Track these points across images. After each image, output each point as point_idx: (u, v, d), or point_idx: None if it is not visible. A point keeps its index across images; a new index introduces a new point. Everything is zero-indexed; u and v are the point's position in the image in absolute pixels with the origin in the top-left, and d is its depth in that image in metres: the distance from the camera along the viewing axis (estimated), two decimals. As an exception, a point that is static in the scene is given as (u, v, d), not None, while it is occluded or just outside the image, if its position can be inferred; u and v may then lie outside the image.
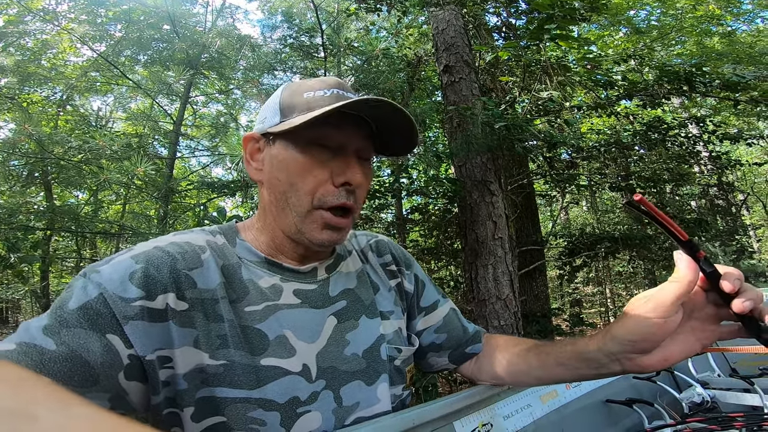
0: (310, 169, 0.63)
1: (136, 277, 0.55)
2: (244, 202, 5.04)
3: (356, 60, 4.33)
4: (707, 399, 0.96)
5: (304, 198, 0.63)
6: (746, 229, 8.95)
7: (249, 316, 0.61)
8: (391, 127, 0.67)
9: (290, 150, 0.64)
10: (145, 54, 4.50)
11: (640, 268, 8.16)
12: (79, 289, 0.53)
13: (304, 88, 0.66)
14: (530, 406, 0.82)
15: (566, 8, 2.52)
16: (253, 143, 0.70)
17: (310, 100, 0.64)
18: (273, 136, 0.66)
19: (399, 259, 0.83)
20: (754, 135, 4.53)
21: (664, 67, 3.85)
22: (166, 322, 0.55)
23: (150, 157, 3.01)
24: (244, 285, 0.63)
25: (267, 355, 0.60)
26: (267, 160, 0.67)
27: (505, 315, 2.97)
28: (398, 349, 0.72)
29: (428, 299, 0.83)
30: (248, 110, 7.95)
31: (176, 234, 0.66)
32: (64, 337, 0.48)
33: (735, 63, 6.61)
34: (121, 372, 0.52)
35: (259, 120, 0.70)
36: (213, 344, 0.57)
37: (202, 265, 0.61)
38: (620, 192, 5.45)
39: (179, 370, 0.55)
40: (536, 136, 3.47)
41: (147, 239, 0.66)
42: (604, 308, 9.09)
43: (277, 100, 0.67)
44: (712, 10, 7.91)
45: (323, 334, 0.65)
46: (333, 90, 0.65)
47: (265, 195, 0.68)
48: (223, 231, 0.69)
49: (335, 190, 0.64)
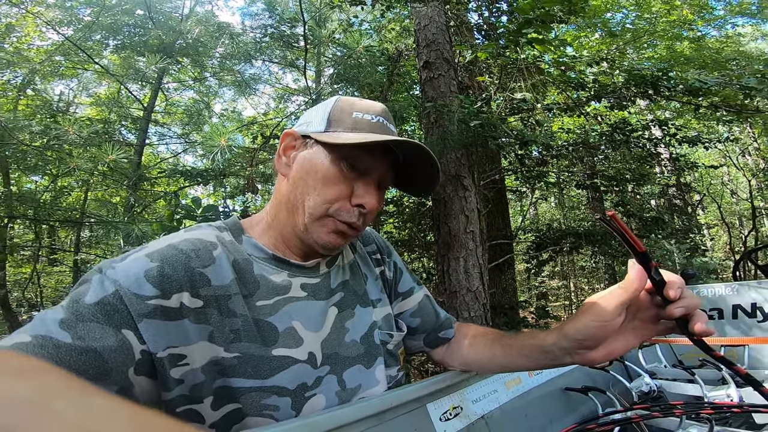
0: (336, 182, 0.67)
1: (151, 275, 0.56)
2: (216, 192, 4.94)
3: (337, 52, 4.29)
4: (654, 388, 1.05)
5: (322, 204, 0.67)
6: (700, 228, 9.49)
7: (261, 310, 0.65)
8: (415, 164, 0.72)
9: (324, 158, 0.67)
10: (116, 39, 4.31)
11: (602, 264, 8.54)
12: (96, 284, 0.54)
13: (355, 107, 0.70)
14: (496, 391, 0.88)
15: (544, 12, 2.58)
16: (291, 140, 0.73)
17: (358, 121, 0.68)
18: (313, 141, 0.69)
19: (382, 248, 0.89)
20: (712, 139, 4.78)
21: (633, 71, 4.00)
22: (181, 320, 0.57)
23: (119, 143, 2.89)
24: (256, 280, 0.66)
25: (278, 346, 0.63)
26: (298, 159, 0.70)
27: (474, 306, 3.07)
28: (389, 334, 0.78)
29: (405, 285, 0.89)
30: (222, 98, 7.75)
31: (187, 230, 0.67)
32: (80, 331, 0.49)
33: (701, 68, 6.91)
34: (131, 367, 0.53)
35: (303, 121, 0.74)
36: (227, 338, 0.60)
37: (215, 262, 0.63)
38: (586, 189, 5.67)
39: (195, 364, 0.58)
40: (509, 134, 3.56)
41: (111, 227, 0.67)
42: (568, 301, 9.46)
43: (328, 110, 0.70)
44: (686, 14, 8.22)
45: (326, 323, 0.70)
46: (379, 118, 0.70)
47: (284, 189, 0.71)
48: (229, 227, 0.72)
49: (350, 209, 0.68)
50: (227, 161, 3.24)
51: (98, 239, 6.21)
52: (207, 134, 2.44)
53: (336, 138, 0.65)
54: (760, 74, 3.73)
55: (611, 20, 8.23)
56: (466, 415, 0.79)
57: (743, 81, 3.59)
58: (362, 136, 0.65)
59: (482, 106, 3.57)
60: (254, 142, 4.17)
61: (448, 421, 0.75)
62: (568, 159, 4.86)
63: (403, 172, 0.74)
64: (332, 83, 4.28)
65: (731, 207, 12.84)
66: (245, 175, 3.93)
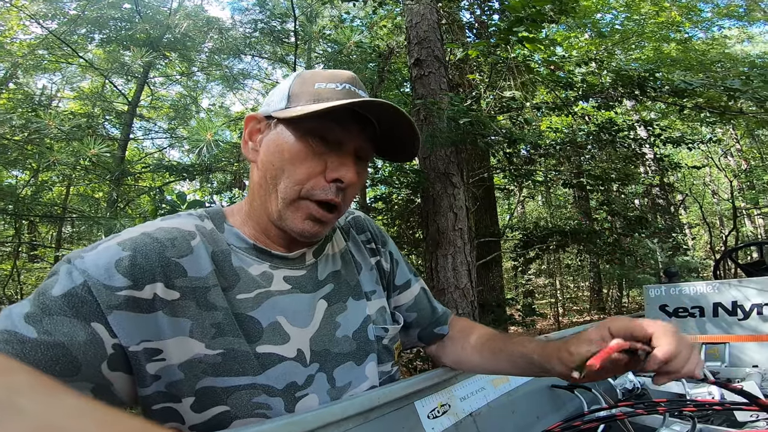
0: (304, 159, 0.62)
1: (122, 265, 0.53)
2: (203, 187, 4.87)
3: (327, 48, 4.26)
4: (638, 386, 1.07)
5: (293, 186, 0.62)
6: (682, 227, 9.70)
7: (241, 303, 0.61)
8: (394, 131, 0.67)
9: (288, 136, 0.63)
10: (101, 33, 4.21)
11: (587, 262, 8.67)
12: (63, 276, 0.51)
13: (316, 78, 0.65)
14: (484, 389, 0.89)
15: (535, 12, 2.60)
16: (255, 123, 0.69)
17: (321, 91, 0.63)
18: (275, 120, 0.65)
19: (376, 237, 0.84)
20: (695, 139, 4.88)
21: (620, 71, 4.05)
22: (154, 313, 0.54)
23: (102, 138, 2.82)
24: (235, 272, 0.63)
25: (262, 343, 0.60)
26: (264, 143, 0.66)
27: (462, 304, 3.09)
28: (385, 329, 0.74)
29: (402, 277, 0.85)
30: (210, 93, 7.64)
31: (164, 219, 0.63)
32: (46, 326, 0.47)
33: (687, 70, 7.02)
34: (104, 362, 0.50)
35: (265, 102, 0.70)
36: (208, 333, 0.56)
37: (192, 252, 0.59)
38: (572, 188, 5.74)
39: (173, 360, 0.54)
40: (498, 132, 3.58)
41: (94, 223, 0.64)
42: (553, 299, 9.58)
43: (287, 86, 0.66)
44: (674, 16, 8.34)
45: (315, 318, 0.67)
46: (345, 85, 0.65)
47: (255, 176, 0.67)
48: (211, 216, 0.68)
49: (325, 185, 0.63)
50: (214, 157, 3.20)
51: (80, 235, 6.08)
52: (193, 129, 2.40)
53: (297, 112, 0.61)
54: (744, 76, 3.79)
55: (601, 21, 8.32)
56: (454, 413, 0.79)
57: (727, 83, 3.66)
58: (324, 105, 0.59)
59: (472, 104, 3.59)
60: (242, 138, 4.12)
61: (436, 418, 0.75)
62: (555, 158, 4.91)
63: (385, 142, 0.69)
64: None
65: (712, 207, 13.15)
66: (232, 171, 3.89)
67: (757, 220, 12.17)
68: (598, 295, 9.44)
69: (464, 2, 4.26)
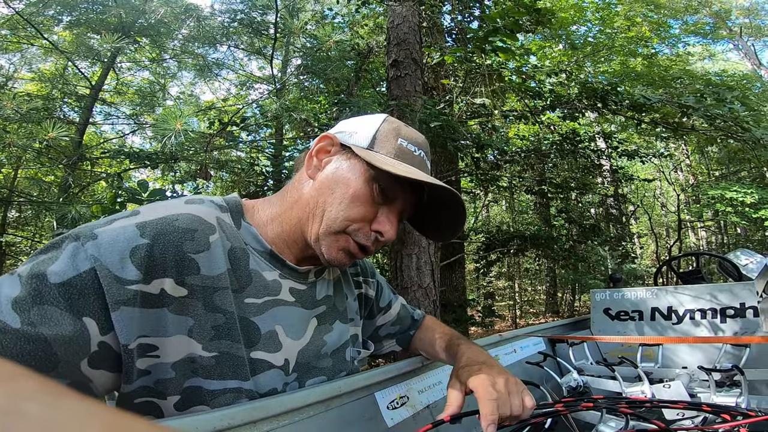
0: (364, 203, 0.65)
1: (138, 255, 0.51)
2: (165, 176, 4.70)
3: (307, 43, 4.22)
4: (581, 384, 1.16)
5: (343, 221, 0.64)
6: (632, 237, 10.28)
7: (248, 308, 0.62)
8: (440, 210, 0.73)
9: (359, 175, 0.65)
10: (71, 15, 3.95)
11: (544, 266, 9.04)
12: (67, 256, 0.48)
13: (401, 134, 0.69)
14: (441, 383, 0.94)
15: (512, 22, 2.68)
16: (328, 143, 0.69)
17: (403, 149, 0.68)
18: (352, 154, 0.67)
19: (365, 270, 0.91)
20: (648, 153, 5.17)
21: (586, 83, 4.24)
22: (160, 309, 0.52)
23: (59, 121, 2.66)
24: (249, 274, 0.63)
25: (257, 349, 0.61)
26: (332, 168, 0.67)
27: (425, 303, 3.17)
28: (359, 351, 0.81)
29: (385, 299, 0.94)
30: (180, 81, 7.35)
31: (188, 202, 0.62)
32: (32, 317, 0.44)
33: (649, 84, 7.40)
34: (84, 359, 0.48)
35: (344, 129, 0.71)
36: (207, 335, 0.56)
37: (209, 249, 0.58)
38: (534, 195, 5.98)
39: (167, 359, 0.53)
40: (467, 137, 3.68)
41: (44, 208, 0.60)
42: (512, 301, 9.92)
43: (376, 127, 0.69)
44: (644, 31, 8.76)
45: (307, 333, 0.70)
46: (421, 152, 0.70)
47: (306, 191, 0.68)
48: (230, 207, 0.67)
49: (368, 232, 0.66)
50: (180, 145, 3.11)
51: (27, 220, 5.72)
52: (162, 117, 2.33)
53: (380, 161, 0.63)
54: (699, 93, 4.05)
55: (575, 33, 8.64)
56: (412, 405, 0.84)
57: (682, 99, 3.88)
58: (406, 168, 0.64)
59: (444, 108, 3.67)
60: (210, 128, 4.02)
61: (395, 409, 0.80)
62: (520, 165, 5.10)
63: (425, 213, 0.74)
64: (299, 74, 4.20)
65: (660, 219, 14.00)
66: (198, 161, 3.78)
67: (700, 232, 13.07)
68: (553, 299, 9.88)
69: (447, 7, 4.33)
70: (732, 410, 0.75)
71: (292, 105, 3.87)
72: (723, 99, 3.83)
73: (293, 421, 0.61)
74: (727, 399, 0.94)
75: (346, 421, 0.71)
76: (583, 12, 8.39)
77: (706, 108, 3.72)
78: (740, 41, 11.94)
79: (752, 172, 10.76)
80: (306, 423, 0.63)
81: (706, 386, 1.05)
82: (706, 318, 1.50)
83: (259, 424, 0.56)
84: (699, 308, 1.53)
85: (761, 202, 6.64)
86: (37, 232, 6.04)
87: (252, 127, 4.51)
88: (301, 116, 3.71)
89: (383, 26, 4.36)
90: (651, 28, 9.13)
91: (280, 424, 0.59)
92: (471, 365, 0.69)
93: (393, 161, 0.65)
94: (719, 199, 7.20)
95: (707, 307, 1.51)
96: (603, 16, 8.51)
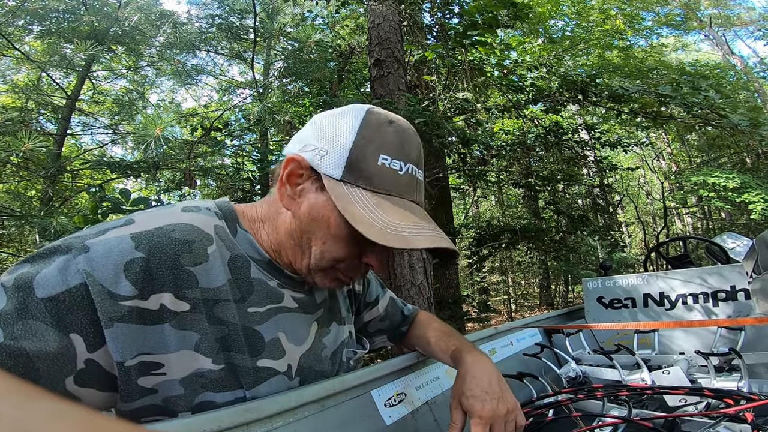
0: (348, 244, 0.60)
1: (133, 269, 0.48)
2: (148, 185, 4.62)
3: (288, 45, 4.19)
4: (580, 374, 1.15)
5: (329, 260, 0.61)
6: (620, 226, 10.42)
7: (251, 317, 0.60)
8: None
9: (337, 215, 0.57)
10: (42, 25, 3.86)
11: (536, 259, 9.12)
12: (56, 268, 0.46)
13: (385, 144, 0.59)
14: (438, 378, 0.92)
15: (490, 17, 2.70)
16: (296, 167, 0.61)
17: (384, 174, 0.58)
18: (324, 185, 0.58)
19: None
20: (630, 143, 5.25)
21: (566, 76, 4.29)
22: (159, 325, 0.50)
23: (36, 132, 2.58)
24: (251, 283, 0.61)
25: (262, 357, 0.60)
26: (308, 203, 0.60)
27: (419, 300, 3.15)
28: (354, 352, 0.80)
29: (371, 295, 0.91)
30: (159, 88, 7.26)
31: (185, 210, 0.59)
32: (16, 331, 0.42)
33: (626, 76, 7.54)
34: (69, 377, 0.46)
35: (316, 142, 0.61)
36: (213, 348, 0.55)
37: (207, 261, 0.56)
38: (522, 188, 6.02)
39: (174, 375, 0.52)
40: (452, 133, 3.69)
41: (26, 222, 0.57)
42: (506, 296, 9.98)
43: (351, 140, 0.58)
44: (618, 24, 8.94)
45: (309, 337, 0.69)
46: (410, 165, 0.61)
47: (287, 222, 0.63)
48: (224, 213, 0.64)
49: (358, 265, 0.63)
50: (162, 153, 3.05)
51: (10, 236, 5.57)
52: (141, 125, 2.27)
53: (357, 217, 0.54)
54: (675, 83, 4.13)
55: (553, 27, 8.78)
56: (410, 401, 0.82)
57: (659, 89, 3.96)
58: (387, 221, 0.55)
59: (428, 105, 3.67)
60: (193, 135, 3.96)
61: (393, 407, 0.78)
62: (506, 159, 5.13)
63: None
64: (281, 77, 4.16)
65: (646, 207, 14.24)
66: (182, 169, 3.72)
67: (686, 218, 13.32)
68: (546, 291, 9.96)
69: (427, 4, 4.34)
70: (735, 394, 0.75)
71: (275, 108, 3.83)
72: (698, 87, 3.92)
73: (287, 422, 0.59)
74: (728, 384, 0.93)
75: (343, 420, 0.69)
76: (559, 6, 8.53)
77: (683, 96, 3.80)
78: (711, 31, 12.21)
79: (732, 158, 10.99)
80: (301, 423, 0.61)
81: (705, 371, 1.04)
82: (699, 302, 1.51)
83: (251, 426, 0.54)
84: (690, 293, 1.53)
85: (743, 186, 6.78)
86: (21, 248, 5.89)
87: (236, 132, 4.46)
88: (285, 118, 3.67)
89: (364, 26, 4.36)
90: (625, 20, 9.35)
91: (274, 425, 0.57)
92: (474, 392, 0.68)
93: (371, 207, 0.56)
94: (702, 185, 7.34)
95: (698, 291, 1.51)
96: (579, 9, 8.66)
